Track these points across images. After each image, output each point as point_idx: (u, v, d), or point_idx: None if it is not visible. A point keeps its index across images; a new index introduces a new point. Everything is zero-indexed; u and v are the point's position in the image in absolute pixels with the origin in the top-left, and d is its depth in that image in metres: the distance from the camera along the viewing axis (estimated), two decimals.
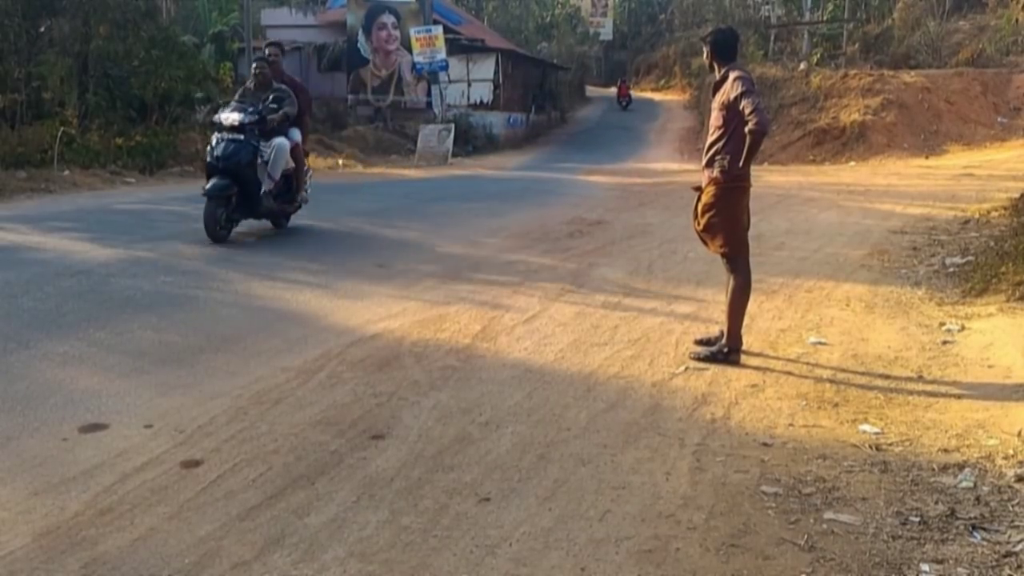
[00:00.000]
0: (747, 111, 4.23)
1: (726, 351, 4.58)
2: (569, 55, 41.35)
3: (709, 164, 4.58)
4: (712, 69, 4.63)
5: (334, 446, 3.41)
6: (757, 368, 4.49)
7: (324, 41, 29.36)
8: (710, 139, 4.59)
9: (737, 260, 4.63)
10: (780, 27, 32.51)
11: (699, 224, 4.70)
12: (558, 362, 4.57)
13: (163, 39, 18.28)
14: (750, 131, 4.23)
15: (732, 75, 4.42)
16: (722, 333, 4.67)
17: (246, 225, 8.19)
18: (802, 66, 26.17)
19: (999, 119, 21.24)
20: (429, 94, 26.49)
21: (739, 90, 4.30)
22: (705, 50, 4.65)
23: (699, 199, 4.69)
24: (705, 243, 4.76)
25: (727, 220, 4.56)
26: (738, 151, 4.37)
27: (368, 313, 5.51)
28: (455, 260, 7.49)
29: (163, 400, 3.89)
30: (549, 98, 33.64)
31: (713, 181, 4.55)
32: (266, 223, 8.51)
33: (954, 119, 21.28)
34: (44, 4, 16.60)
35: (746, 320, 5.41)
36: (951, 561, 2.56)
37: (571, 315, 5.55)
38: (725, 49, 4.53)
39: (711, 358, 4.58)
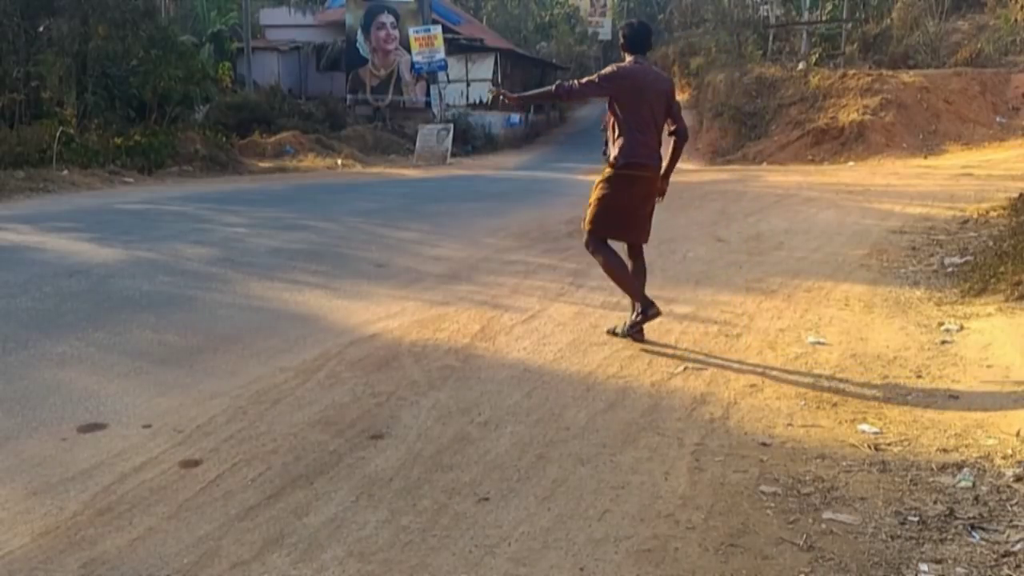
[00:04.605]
0: None
1: (641, 315, 4.78)
2: (568, 55, 41.38)
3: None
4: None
5: (333, 446, 3.40)
6: (756, 368, 4.49)
7: (323, 41, 29.38)
8: None
9: (588, 238, 4.87)
10: (779, 27, 32.47)
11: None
12: (557, 362, 4.57)
13: (162, 39, 18.31)
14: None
15: None
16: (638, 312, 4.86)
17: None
18: (801, 66, 26.16)
19: (998, 119, 21.24)
20: (428, 94, 26.52)
21: None
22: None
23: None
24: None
25: (593, 199, 4.84)
26: (615, 141, 4.76)
27: (367, 313, 5.51)
28: (454, 260, 7.49)
29: (162, 400, 3.89)
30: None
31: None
32: None
33: (953, 119, 21.28)
34: (43, 4, 16.61)
35: (744, 320, 5.44)
36: (950, 561, 2.56)
37: (570, 315, 5.55)
38: (626, 41, 4.84)
39: (633, 328, 4.82)
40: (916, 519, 2.81)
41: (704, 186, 14.51)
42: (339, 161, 20.55)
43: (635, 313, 4.86)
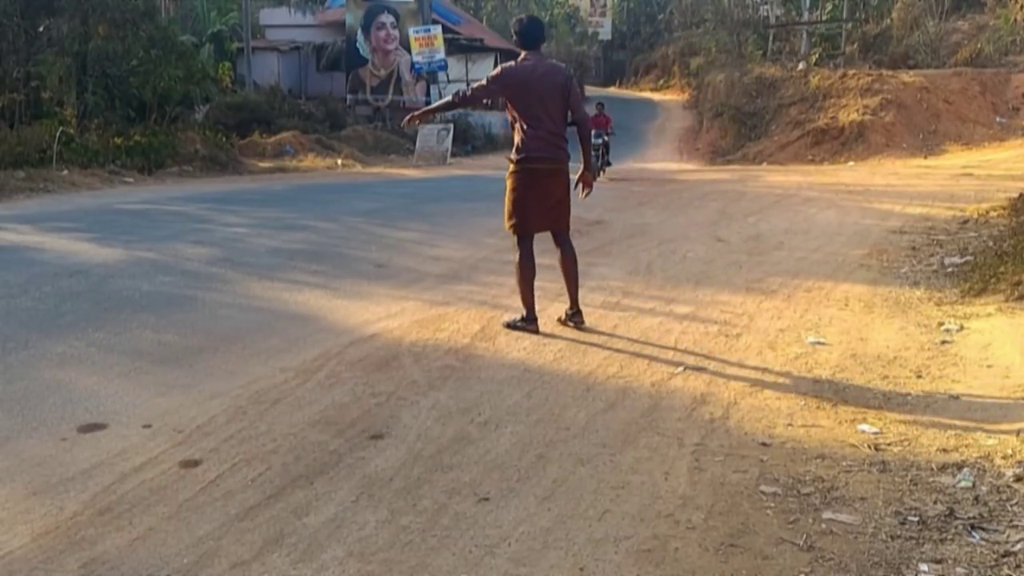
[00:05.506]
0: None
1: (570, 318, 5.17)
2: (568, 55, 41.29)
3: None
4: None
5: (333, 446, 3.40)
6: (756, 368, 4.50)
7: (323, 41, 29.35)
8: None
9: (516, 238, 5.11)
10: (779, 27, 32.49)
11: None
12: (557, 362, 4.57)
13: (162, 39, 18.31)
14: None
15: None
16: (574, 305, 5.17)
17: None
18: (801, 66, 26.20)
19: (998, 119, 21.27)
20: (428, 94, 26.48)
21: None
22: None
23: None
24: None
25: (505, 197, 5.02)
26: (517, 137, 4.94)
27: (367, 313, 5.51)
28: (454, 260, 7.49)
29: (162, 400, 3.89)
30: None
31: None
32: None
33: (953, 119, 21.31)
34: (43, 4, 16.61)
35: (744, 320, 5.45)
36: (950, 561, 2.56)
37: None
38: (519, 38, 4.97)
39: (572, 317, 5.18)
40: (916, 519, 2.81)
41: (704, 186, 14.51)
42: (339, 161, 20.55)
43: (570, 308, 5.19)
